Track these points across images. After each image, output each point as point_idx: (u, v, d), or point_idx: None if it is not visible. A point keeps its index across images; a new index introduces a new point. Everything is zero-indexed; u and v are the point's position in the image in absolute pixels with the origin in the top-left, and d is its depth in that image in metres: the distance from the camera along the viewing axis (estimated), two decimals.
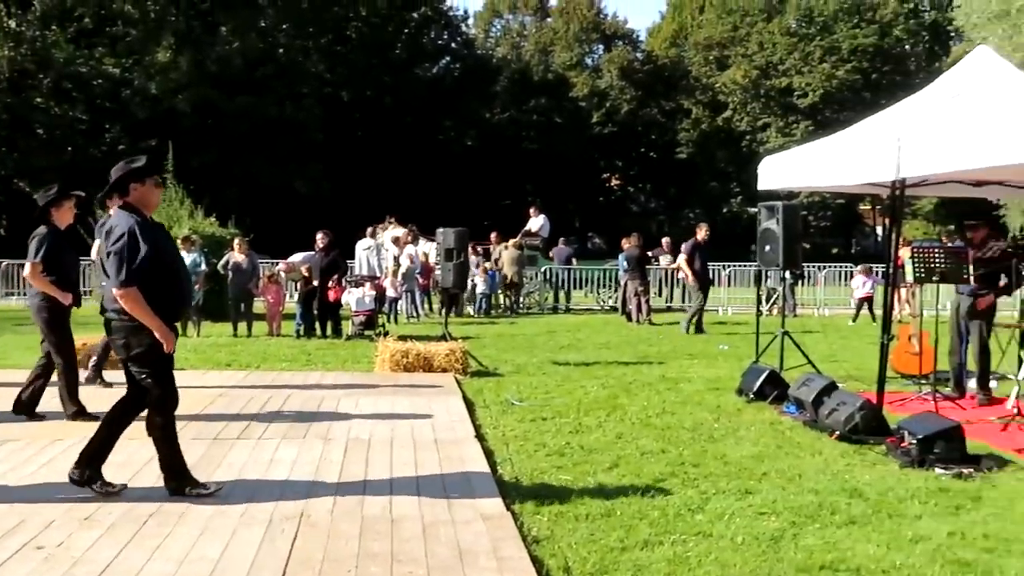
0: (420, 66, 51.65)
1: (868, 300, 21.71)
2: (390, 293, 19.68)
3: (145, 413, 6.30)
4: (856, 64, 49.94)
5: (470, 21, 58.04)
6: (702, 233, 18.92)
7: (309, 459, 7.45)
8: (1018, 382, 10.16)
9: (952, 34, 45.46)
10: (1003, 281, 10.78)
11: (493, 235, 24.67)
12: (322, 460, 7.42)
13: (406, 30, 50.78)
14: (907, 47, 53.37)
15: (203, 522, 5.76)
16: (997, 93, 9.70)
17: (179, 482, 6.31)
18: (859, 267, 22.86)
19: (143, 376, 6.15)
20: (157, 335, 6.01)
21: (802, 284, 24.78)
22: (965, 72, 10.97)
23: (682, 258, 18.87)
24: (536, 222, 25.77)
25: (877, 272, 21.99)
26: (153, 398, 6.19)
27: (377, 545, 5.42)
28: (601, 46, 58.09)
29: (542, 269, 24.69)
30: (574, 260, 25.92)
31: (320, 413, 9.43)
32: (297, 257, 18.03)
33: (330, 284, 16.86)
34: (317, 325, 17.00)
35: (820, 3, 51.01)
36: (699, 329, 18.37)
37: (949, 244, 18.64)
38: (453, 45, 54.25)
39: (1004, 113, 7.75)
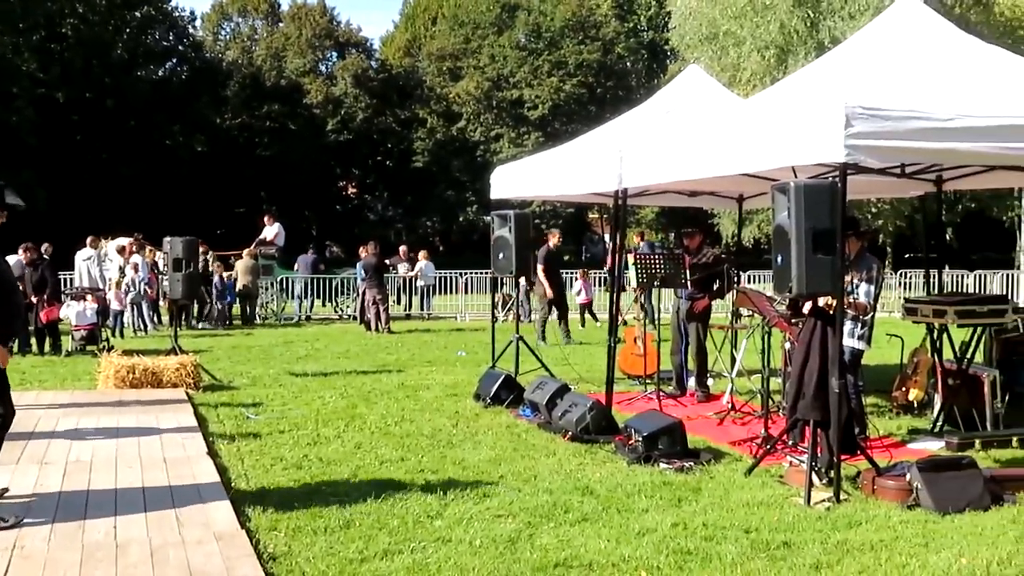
0: (144, 68, 49.23)
1: (587, 305, 22.52)
2: (114, 306, 18.61)
3: None
4: (582, 79, 52.03)
5: (197, 23, 55.97)
6: (554, 239, 18.67)
7: (24, 485, 6.90)
8: (731, 379, 10.93)
9: (668, 53, 48.25)
10: (716, 285, 11.52)
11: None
12: (38, 485, 6.89)
13: (128, 29, 48.26)
14: (628, 64, 56.25)
15: None
16: (706, 110, 10.40)
17: None
18: (578, 272, 23.42)
19: None
20: None
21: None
22: (679, 89, 11.72)
23: (540, 268, 17.34)
24: (271, 230, 25.13)
25: (596, 277, 22.83)
26: None
27: (100, 573, 5.09)
28: (335, 53, 57.49)
29: (278, 278, 24.12)
30: (321, 267, 25.42)
31: (36, 434, 8.77)
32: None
33: (35, 299, 15.49)
34: (33, 341, 15.78)
35: (547, 19, 52.84)
36: (568, 336, 17.80)
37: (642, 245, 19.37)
38: (180, 47, 52.07)
39: (712, 128, 8.29)
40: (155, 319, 20.57)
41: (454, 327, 22.16)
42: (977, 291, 24.96)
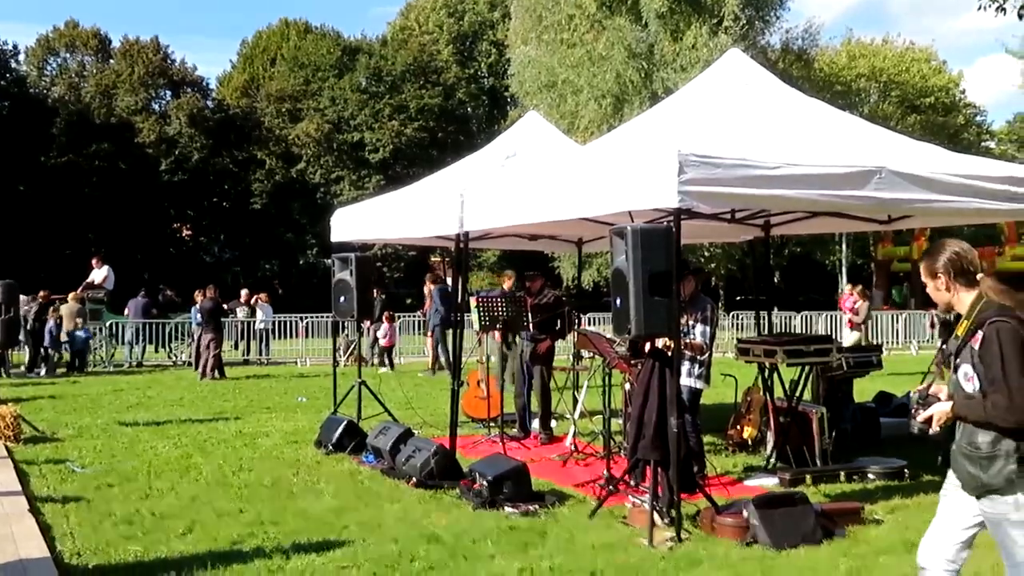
0: None
1: (388, 350, 22.31)
2: None
3: None
4: (423, 123, 52.27)
5: (21, 57, 53.61)
6: (508, 283, 18.24)
7: None
8: (574, 421, 11.05)
9: (508, 99, 49.03)
10: (558, 326, 11.67)
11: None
12: None
13: None
14: (469, 109, 56.91)
15: None
16: (545, 155, 10.58)
17: None
18: (385, 314, 22.99)
19: None
20: None
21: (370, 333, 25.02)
22: (519, 135, 11.90)
23: None
24: (99, 273, 24.11)
25: (395, 318, 22.73)
26: None
27: None
28: (169, 92, 56.01)
29: (108, 323, 23.15)
30: (154, 311, 24.49)
31: None
32: None
33: None
34: None
35: (388, 63, 52.93)
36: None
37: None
38: (1, 82, 49.76)
39: (551, 174, 8.43)
40: None
41: (294, 372, 21.76)
42: (804, 331, 26.12)
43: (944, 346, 4.26)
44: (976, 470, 3.98)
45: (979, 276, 4.16)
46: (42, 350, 21.00)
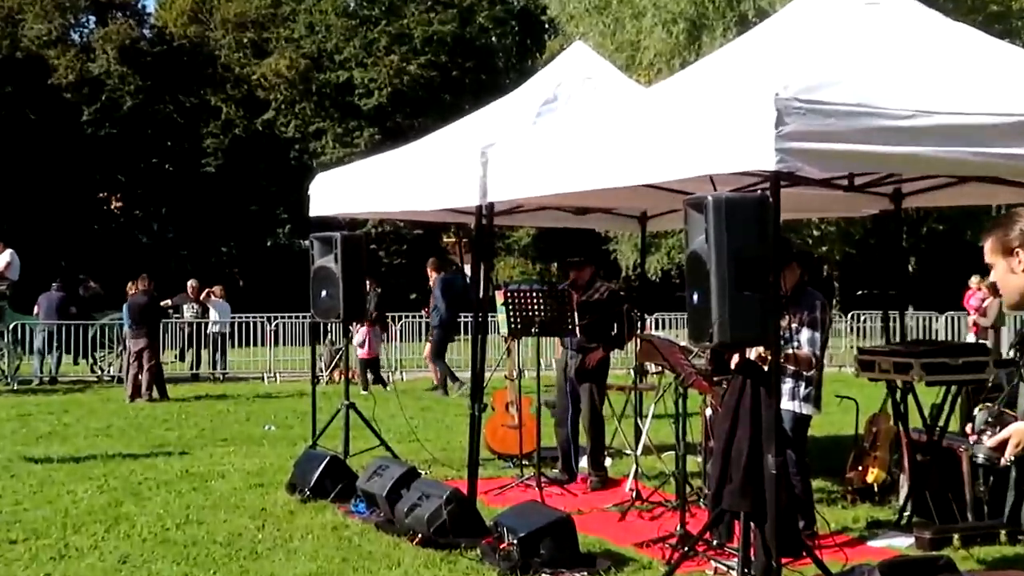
0: None
1: (369, 362, 22.11)
2: None
3: None
4: (431, 57, 52.23)
5: None
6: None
7: None
8: (636, 458, 11.02)
9: (546, 26, 49.01)
10: (614, 331, 11.63)
11: None
12: None
13: None
14: (494, 39, 56.84)
15: None
16: (597, 100, 10.54)
17: None
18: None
19: None
20: None
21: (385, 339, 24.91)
22: (560, 73, 11.84)
23: None
24: (0, 259, 24.32)
25: (386, 322, 22.66)
26: None
27: None
28: (93, 18, 56.48)
29: (10, 325, 23.31)
30: (72, 310, 24.67)
31: None
32: None
33: None
34: None
35: None
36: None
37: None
38: None
39: (605, 125, 8.39)
40: None
41: (259, 392, 21.89)
42: (949, 338, 25.92)
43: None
44: None
45: None
46: None
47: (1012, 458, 4.03)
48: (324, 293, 11.62)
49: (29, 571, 8.00)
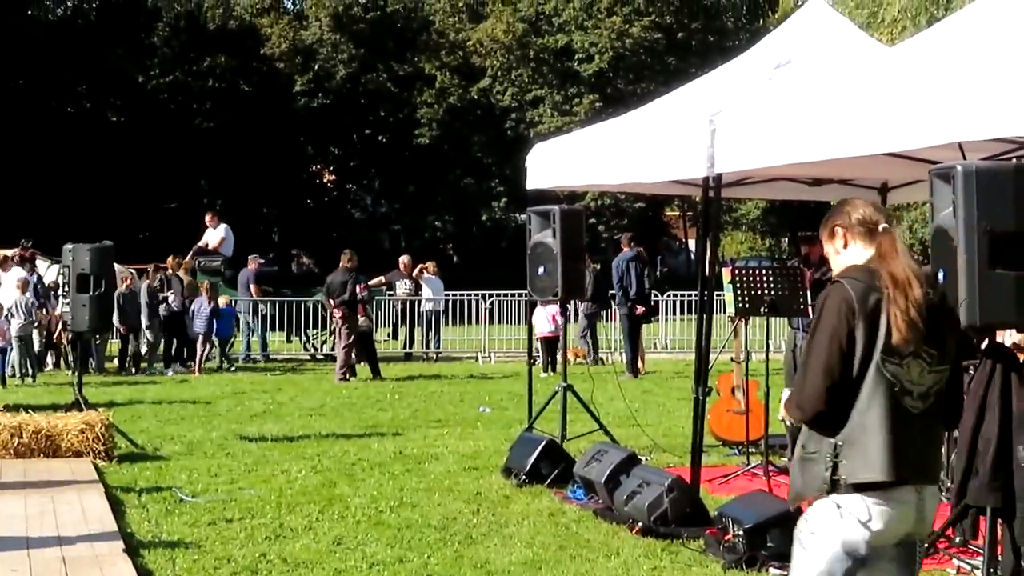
0: (38, 4, 49.71)
1: (550, 341, 21.21)
2: None
3: None
4: (656, 18, 51.80)
5: None
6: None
7: None
8: None
9: None
10: None
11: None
12: None
13: None
14: None
15: None
16: (835, 62, 10.35)
17: None
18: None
19: None
20: None
21: (606, 318, 24.49)
22: (794, 33, 11.65)
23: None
24: (215, 234, 25.05)
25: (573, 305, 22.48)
26: None
27: None
28: None
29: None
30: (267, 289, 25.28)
31: None
32: None
33: None
34: None
35: None
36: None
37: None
38: None
39: (844, 89, 8.25)
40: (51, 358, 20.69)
41: (473, 372, 22.19)
42: None
43: None
44: None
45: None
46: (161, 340, 21.74)
47: None
48: (542, 270, 11.69)
49: (245, 550, 8.28)
